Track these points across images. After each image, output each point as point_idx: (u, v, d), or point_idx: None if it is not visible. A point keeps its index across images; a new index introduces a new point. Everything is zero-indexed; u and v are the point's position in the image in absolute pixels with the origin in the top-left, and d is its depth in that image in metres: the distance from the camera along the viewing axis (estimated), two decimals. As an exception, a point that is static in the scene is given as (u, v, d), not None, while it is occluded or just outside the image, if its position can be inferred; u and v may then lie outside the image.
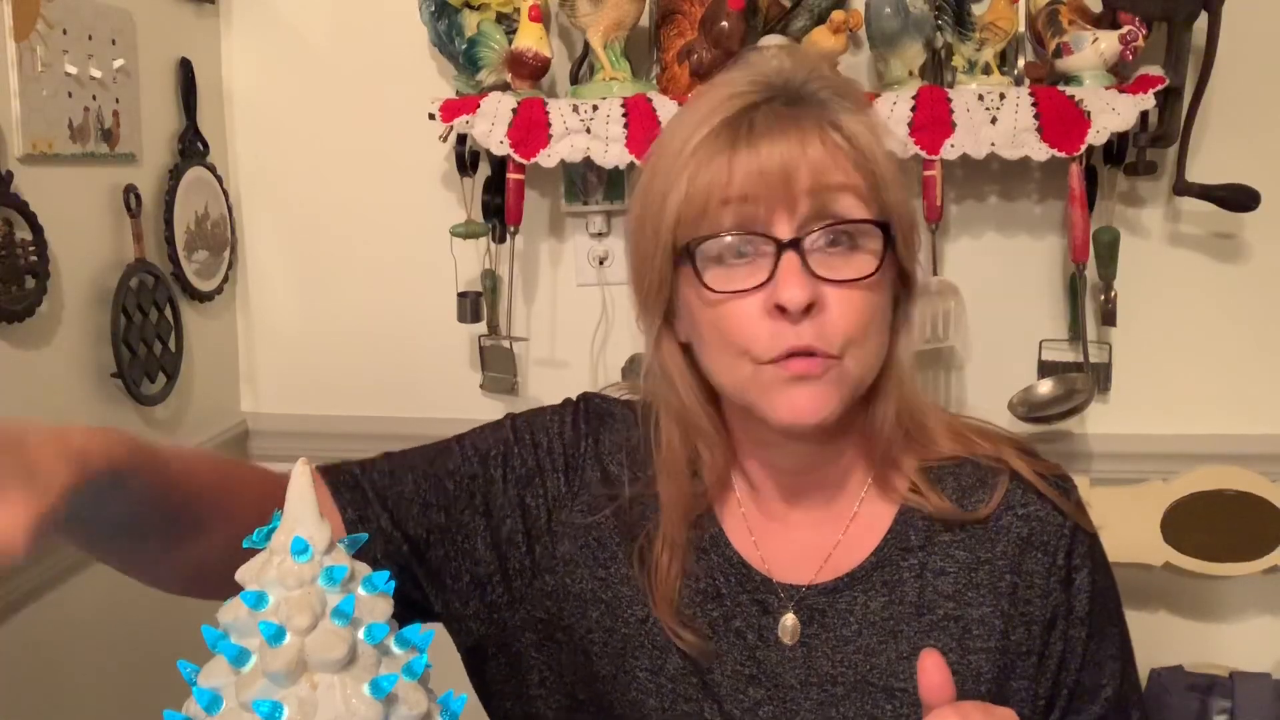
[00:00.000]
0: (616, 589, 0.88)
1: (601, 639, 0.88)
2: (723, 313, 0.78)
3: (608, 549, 0.89)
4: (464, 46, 1.50)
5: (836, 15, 1.39)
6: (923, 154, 1.38)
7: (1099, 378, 1.51)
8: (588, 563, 0.89)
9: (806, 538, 0.88)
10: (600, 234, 1.60)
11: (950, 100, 1.38)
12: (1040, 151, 1.37)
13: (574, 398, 0.98)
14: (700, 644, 0.85)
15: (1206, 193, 1.43)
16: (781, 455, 0.86)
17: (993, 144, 1.38)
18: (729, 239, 0.77)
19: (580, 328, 1.63)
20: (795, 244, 0.76)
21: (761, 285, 0.76)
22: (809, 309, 0.75)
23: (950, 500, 0.86)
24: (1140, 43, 1.37)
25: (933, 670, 0.68)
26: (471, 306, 1.57)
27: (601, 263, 1.61)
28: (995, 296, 1.54)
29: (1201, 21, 1.38)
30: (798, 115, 0.77)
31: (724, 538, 0.88)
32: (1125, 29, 1.37)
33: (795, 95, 0.79)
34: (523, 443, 0.92)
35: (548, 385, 1.66)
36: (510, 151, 1.44)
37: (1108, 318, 1.49)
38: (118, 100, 1.39)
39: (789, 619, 0.85)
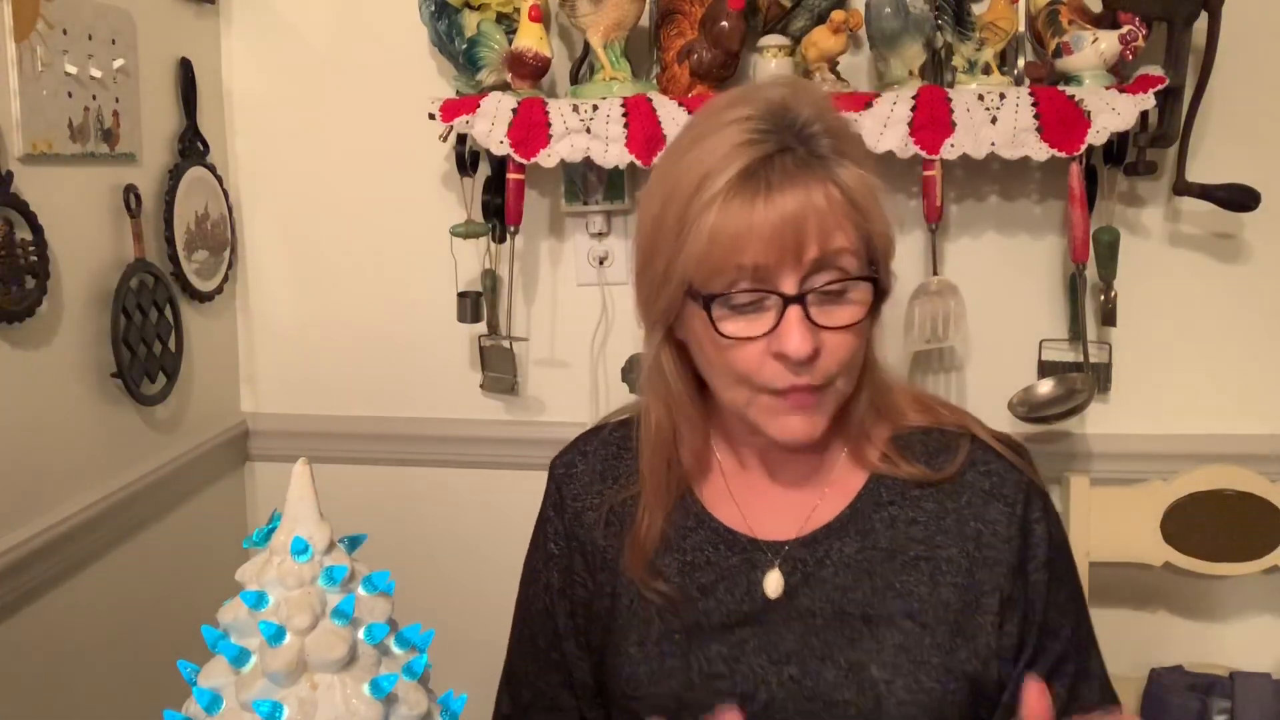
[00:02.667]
0: (612, 586, 0.98)
1: (600, 639, 0.98)
2: (730, 352, 0.87)
3: (601, 553, 0.99)
4: (464, 46, 1.50)
5: (836, 15, 1.39)
6: (923, 154, 1.38)
7: (1099, 378, 1.50)
8: (591, 578, 1.00)
9: (788, 498, 0.97)
10: (600, 234, 1.60)
11: (950, 100, 1.38)
12: (1040, 151, 1.37)
13: (549, 473, 1.07)
14: (672, 589, 0.95)
15: (1206, 193, 1.43)
16: (771, 445, 0.94)
17: (993, 144, 1.38)
18: (743, 297, 0.85)
19: (580, 328, 1.63)
20: (800, 299, 0.84)
21: (767, 333, 0.85)
22: (814, 352, 0.84)
23: (919, 463, 0.96)
24: (1140, 43, 1.37)
25: (1036, 698, 0.72)
26: (471, 306, 1.57)
27: (601, 263, 1.61)
28: (995, 296, 1.54)
29: (1201, 21, 1.38)
30: (805, 177, 0.83)
31: (706, 513, 0.98)
32: (1125, 29, 1.37)
33: (800, 138, 0.84)
34: (551, 558, 1.04)
35: (548, 385, 1.66)
36: (510, 151, 1.44)
37: (1108, 318, 1.49)
38: (118, 100, 1.39)
39: (774, 575, 0.93)
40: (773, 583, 0.93)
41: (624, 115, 1.41)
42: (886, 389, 0.97)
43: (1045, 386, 1.50)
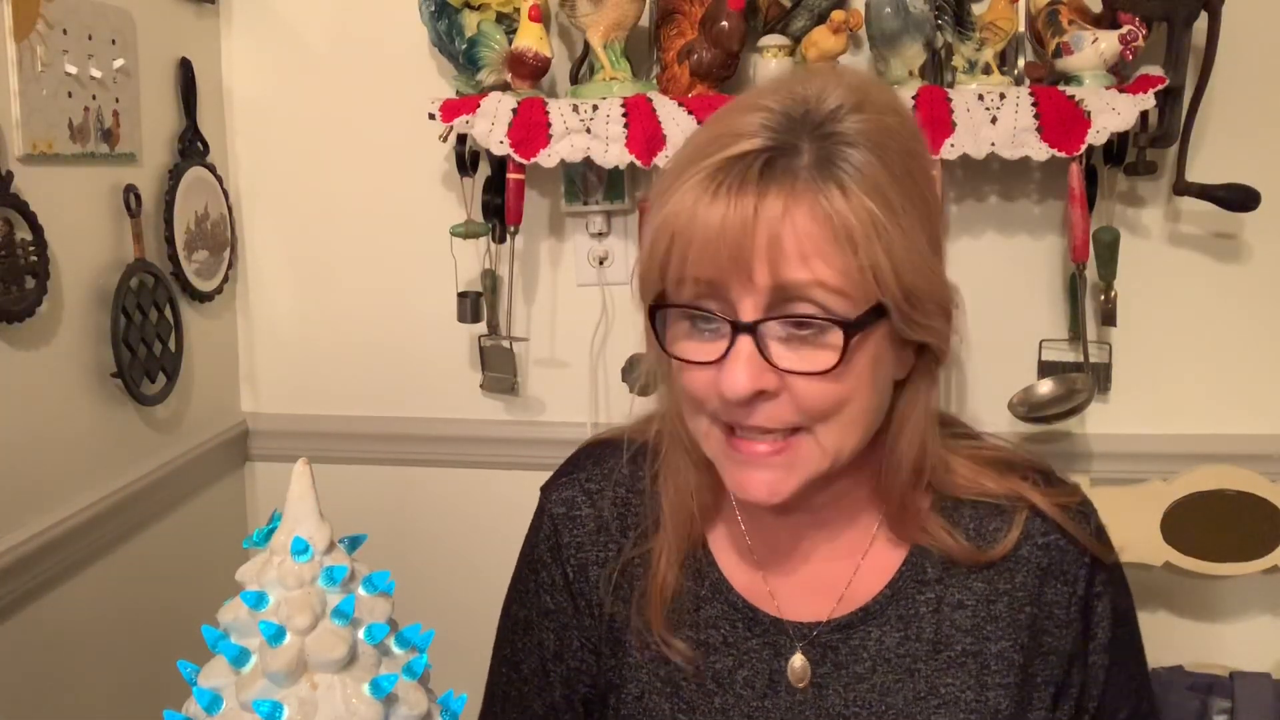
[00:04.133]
0: (618, 665, 0.89)
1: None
2: (684, 374, 0.75)
3: (608, 622, 0.89)
4: (464, 46, 1.50)
5: (836, 15, 1.39)
6: (923, 154, 1.38)
7: (1099, 378, 1.51)
8: (594, 650, 0.91)
9: (817, 571, 0.85)
10: (600, 234, 1.60)
11: (950, 100, 1.38)
12: (1040, 151, 1.37)
13: (542, 506, 0.95)
14: (692, 654, 0.84)
15: (1206, 193, 1.43)
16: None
17: (993, 144, 1.38)
18: (694, 313, 0.72)
19: (580, 328, 1.63)
20: (752, 329, 0.70)
21: (716, 361, 0.72)
22: (759, 394, 0.71)
23: (968, 533, 0.84)
24: (1140, 43, 1.37)
25: None
26: (471, 306, 1.57)
27: (601, 263, 1.61)
28: (995, 296, 1.54)
29: (1201, 21, 1.38)
30: (779, 185, 0.68)
31: (725, 583, 0.86)
32: (1125, 29, 1.37)
33: (816, 135, 0.70)
34: (539, 615, 0.93)
35: (548, 385, 1.66)
36: (510, 151, 1.43)
37: (1108, 318, 1.49)
38: (118, 100, 1.39)
39: (798, 660, 0.83)
40: (797, 669, 0.83)
41: (624, 115, 1.41)
42: (937, 458, 0.83)
43: (1045, 386, 1.50)
